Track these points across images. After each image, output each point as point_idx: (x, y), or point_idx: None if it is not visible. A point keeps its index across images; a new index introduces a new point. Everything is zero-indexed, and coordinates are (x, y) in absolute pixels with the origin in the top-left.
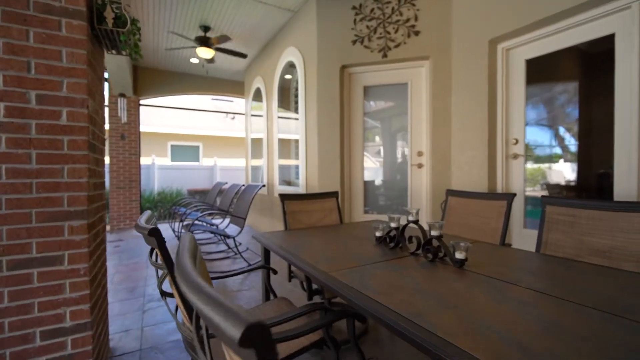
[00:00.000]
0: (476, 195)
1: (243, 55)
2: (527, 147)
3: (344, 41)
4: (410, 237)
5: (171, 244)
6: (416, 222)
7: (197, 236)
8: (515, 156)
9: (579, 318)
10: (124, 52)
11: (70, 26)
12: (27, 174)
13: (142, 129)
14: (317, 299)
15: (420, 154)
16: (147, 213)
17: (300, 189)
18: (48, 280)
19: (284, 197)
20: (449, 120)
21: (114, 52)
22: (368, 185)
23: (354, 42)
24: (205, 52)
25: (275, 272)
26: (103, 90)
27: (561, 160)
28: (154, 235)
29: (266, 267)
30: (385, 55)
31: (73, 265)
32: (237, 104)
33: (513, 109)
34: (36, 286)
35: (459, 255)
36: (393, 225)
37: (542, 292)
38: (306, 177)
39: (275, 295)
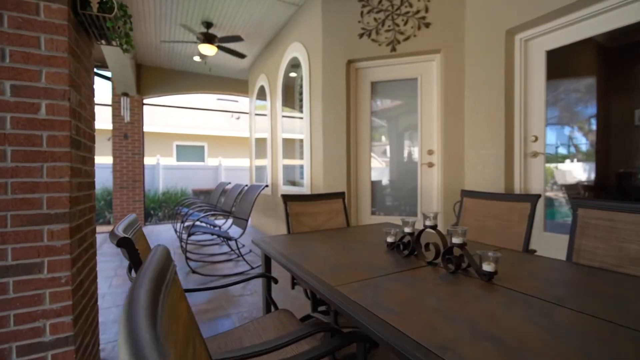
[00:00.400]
0: (495, 196)
1: (241, 56)
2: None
3: (350, 35)
4: (427, 244)
5: (174, 245)
6: (434, 227)
7: (199, 237)
8: (535, 154)
9: None
10: (114, 43)
11: (49, 10)
12: (1, 173)
13: (147, 129)
14: (322, 307)
15: (430, 152)
16: (130, 217)
17: (305, 189)
18: (25, 290)
19: (286, 198)
20: (462, 117)
21: (103, 42)
22: (375, 185)
23: (361, 35)
24: (208, 49)
25: (275, 282)
26: (92, 83)
27: (575, 160)
28: (124, 246)
29: (266, 276)
30: (393, 49)
31: (53, 274)
32: (242, 104)
33: (532, 103)
34: (12, 297)
35: (487, 267)
36: (407, 230)
37: (598, 317)
38: (311, 177)
39: (276, 307)
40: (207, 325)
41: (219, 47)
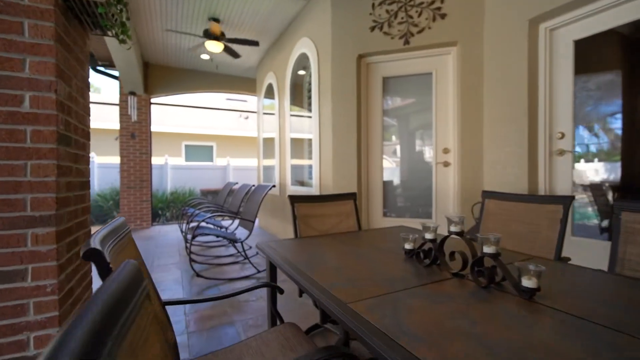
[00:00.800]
0: (521, 197)
1: (255, 43)
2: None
3: (361, 28)
4: (452, 253)
5: (180, 246)
6: (461, 233)
7: (206, 238)
8: (561, 152)
9: None
10: (109, 33)
11: None
12: None
13: (156, 129)
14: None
15: (446, 151)
16: (116, 222)
17: (314, 190)
18: (7, 299)
19: (294, 199)
20: (480, 113)
21: (98, 32)
22: (387, 186)
23: (372, 28)
24: (214, 46)
25: (281, 292)
26: (86, 76)
27: (596, 159)
28: (92, 259)
29: (271, 286)
30: (407, 42)
31: (38, 282)
32: (251, 104)
33: (558, 97)
34: None
35: (527, 282)
36: (428, 236)
37: None
38: (320, 177)
39: (281, 320)
40: (210, 333)
41: (228, 40)
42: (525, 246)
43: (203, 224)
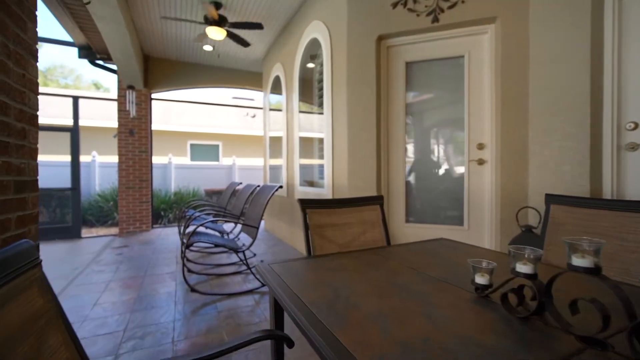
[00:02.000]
0: (609, 204)
1: (245, 44)
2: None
3: (381, 4)
4: (575, 302)
5: (178, 251)
6: (598, 270)
7: (205, 244)
8: (634, 147)
9: None
10: None
11: None
12: None
13: (162, 127)
14: None
15: (481, 146)
16: (12, 248)
17: (325, 191)
18: None
19: (305, 204)
20: (525, 101)
21: None
22: (409, 188)
23: (395, 4)
24: (216, 32)
25: (291, 345)
26: (31, 42)
27: None
28: None
29: (276, 337)
30: (435, 20)
31: None
32: (258, 102)
33: (629, 78)
34: None
35: None
36: (524, 269)
37: None
38: (332, 178)
39: None
40: None
41: (231, 25)
42: (619, 270)
43: (201, 228)
